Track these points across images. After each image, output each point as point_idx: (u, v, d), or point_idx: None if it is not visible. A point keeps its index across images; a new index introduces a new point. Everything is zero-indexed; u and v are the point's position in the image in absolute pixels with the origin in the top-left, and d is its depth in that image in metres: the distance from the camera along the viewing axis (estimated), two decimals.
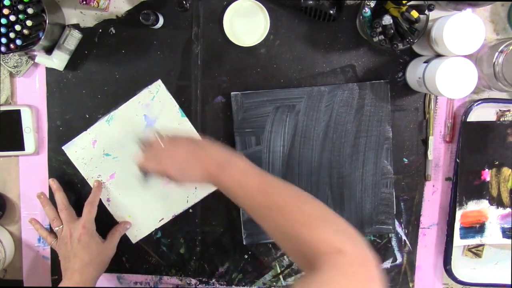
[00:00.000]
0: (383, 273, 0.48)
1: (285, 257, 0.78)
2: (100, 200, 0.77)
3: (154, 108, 0.76)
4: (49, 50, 0.73)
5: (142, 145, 0.67)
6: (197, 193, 0.77)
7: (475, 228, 0.74)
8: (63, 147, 0.77)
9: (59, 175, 0.77)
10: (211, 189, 0.76)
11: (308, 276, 0.48)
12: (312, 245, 0.49)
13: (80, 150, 0.77)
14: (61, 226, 0.73)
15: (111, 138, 0.76)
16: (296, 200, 0.55)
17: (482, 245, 0.76)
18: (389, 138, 0.74)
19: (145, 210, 0.78)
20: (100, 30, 0.75)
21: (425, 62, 0.67)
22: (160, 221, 0.78)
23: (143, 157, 0.65)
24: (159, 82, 0.75)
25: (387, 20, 0.63)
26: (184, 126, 0.76)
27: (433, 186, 0.77)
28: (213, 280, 0.79)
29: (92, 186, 0.76)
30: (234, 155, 0.61)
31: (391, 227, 0.75)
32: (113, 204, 0.78)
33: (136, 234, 0.78)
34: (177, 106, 0.75)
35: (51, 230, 0.75)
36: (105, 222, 0.77)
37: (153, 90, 0.75)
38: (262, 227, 0.57)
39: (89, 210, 0.73)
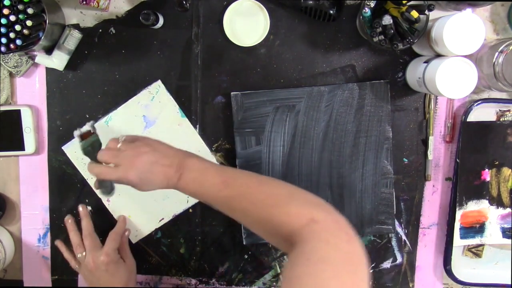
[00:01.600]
0: (356, 233, 0.49)
1: (285, 257, 0.78)
2: (100, 200, 0.77)
3: (154, 108, 0.76)
4: (49, 50, 0.73)
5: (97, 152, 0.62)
6: None
7: (475, 228, 0.74)
8: (63, 147, 0.77)
9: (59, 175, 0.77)
10: None
11: (291, 254, 0.48)
12: (285, 222, 0.50)
13: (79, 150, 0.76)
14: (84, 253, 0.73)
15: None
16: (259, 185, 0.56)
17: (482, 245, 0.76)
18: (389, 138, 0.74)
19: (145, 210, 0.78)
20: (100, 30, 0.75)
21: (425, 62, 0.67)
22: (160, 221, 0.78)
23: (101, 166, 0.61)
24: (159, 82, 0.75)
25: (387, 20, 0.63)
26: (184, 127, 0.76)
27: (433, 186, 0.77)
28: (213, 280, 0.79)
29: (92, 186, 0.77)
30: (189, 155, 0.61)
31: (391, 227, 0.75)
32: (113, 204, 0.78)
33: (136, 234, 0.78)
34: (177, 106, 0.75)
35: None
36: (105, 222, 0.77)
37: (152, 91, 0.75)
38: (236, 219, 0.57)
39: (114, 238, 0.74)
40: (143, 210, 0.78)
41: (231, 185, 0.56)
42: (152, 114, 0.76)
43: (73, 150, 0.77)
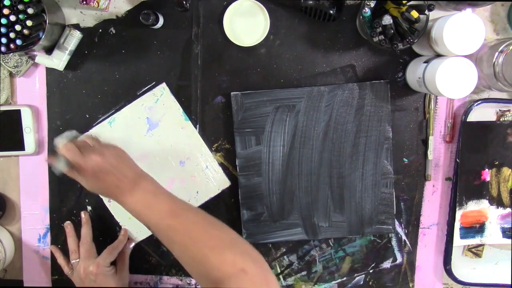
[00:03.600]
0: None
1: (285, 257, 0.78)
2: (102, 201, 0.77)
3: (158, 111, 0.75)
4: (49, 50, 0.73)
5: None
6: (199, 197, 0.77)
7: (475, 228, 0.74)
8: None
9: (59, 175, 0.77)
10: (213, 194, 0.76)
11: None
12: (218, 267, 0.51)
13: None
14: (78, 260, 0.73)
15: (113, 140, 0.76)
16: (205, 224, 0.57)
17: (482, 245, 0.76)
18: (389, 138, 0.74)
19: None
20: (100, 30, 0.75)
21: (425, 62, 0.67)
22: None
23: (70, 144, 0.61)
24: (164, 85, 0.75)
25: (387, 20, 0.63)
26: (187, 130, 0.76)
27: (433, 186, 0.77)
28: None
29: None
30: (145, 176, 0.61)
31: (391, 227, 0.75)
32: (114, 205, 0.78)
33: (137, 235, 0.78)
34: (181, 109, 0.75)
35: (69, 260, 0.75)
36: (106, 222, 0.77)
37: (157, 93, 0.75)
38: (169, 249, 0.58)
39: (110, 252, 0.73)
40: None
41: (178, 216, 0.57)
42: (156, 117, 0.76)
43: None
